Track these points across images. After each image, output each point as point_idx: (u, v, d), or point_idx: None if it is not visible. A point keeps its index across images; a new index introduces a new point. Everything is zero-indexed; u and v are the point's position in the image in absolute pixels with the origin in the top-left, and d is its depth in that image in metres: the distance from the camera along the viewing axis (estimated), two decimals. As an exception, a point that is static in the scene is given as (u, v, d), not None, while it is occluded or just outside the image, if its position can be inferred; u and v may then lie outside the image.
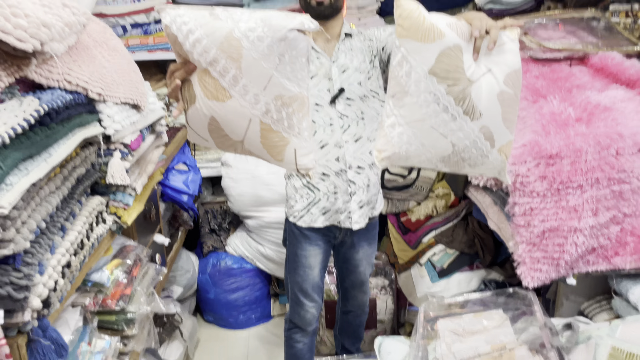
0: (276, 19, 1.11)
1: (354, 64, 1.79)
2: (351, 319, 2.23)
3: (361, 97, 1.79)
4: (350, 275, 2.08)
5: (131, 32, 2.75)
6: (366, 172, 1.86)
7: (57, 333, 1.17)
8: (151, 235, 2.08)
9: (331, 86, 1.77)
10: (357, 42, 1.82)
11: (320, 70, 1.77)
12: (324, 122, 1.78)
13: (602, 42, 2.07)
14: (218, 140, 1.24)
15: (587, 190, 1.66)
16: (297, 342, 2.08)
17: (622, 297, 1.79)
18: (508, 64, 1.28)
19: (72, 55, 1.35)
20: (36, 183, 1.12)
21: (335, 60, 1.78)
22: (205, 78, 1.15)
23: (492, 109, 1.26)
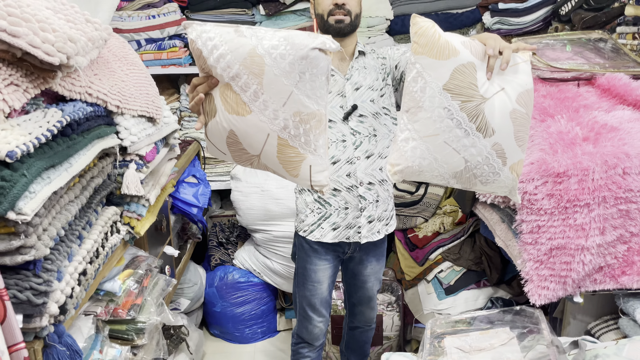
0: (299, 37, 1.15)
1: (367, 81, 1.83)
2: (358, 335, 2.24)
3: (374, 114, 1.83)
4: (358, 291, 2.09)
5: (145, 48, 2.81)
6: (376, 188, 1.89)
7: (72, 339, 1.19)
8: (161, 246, 2.11)
9: (344, 103, 1.81)
10: (371, 60, 1.85)
11: (334, 88, 1.81)
12: (336, 138, 1.81)
13: (609, 64, 2.10)
14: (235, 154, 1.27)
15: (594, 209, 1.68)
16: (304, 357, 2.08)
17: (629, 316, 1.79)
18: (521, 83, 1.31)
19: (93, 69, 1.39)
20: (57, 192, 1.16)
21: (349, 78, 1.82)
22: (226, 92, 1.18)
23: (504, 126, 1.28)
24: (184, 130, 2.99)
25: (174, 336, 2.40)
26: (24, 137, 1.05)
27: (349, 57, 1.84)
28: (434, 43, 1.23)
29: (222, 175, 3.04)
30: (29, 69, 1.09)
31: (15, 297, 1.05)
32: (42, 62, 1.08)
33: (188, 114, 2.98)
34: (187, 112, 2.98)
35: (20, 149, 1.02)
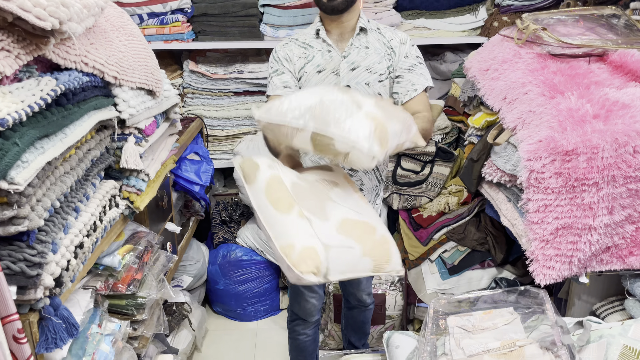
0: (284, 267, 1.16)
1: (366, 62, 1.75)
2: (356, 315, 2.22)
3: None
4: None
5: (147, 22, 2.77)
6: (359, 175, 1.83)
7: (68, 312, 1.17)
8: (163, 223, 2.09)
9: (338, 82, 1.73)
10: (374, 41, 1.76)
11: (329, 65, 1.74)
12: None
13: (622, 40, 2.04)
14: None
15: (603, 188, 1.64)
16: (299, 334, 2.07)
17: (636, 297, 1.77)
18: None
19: (89, 38, 1.36)
20: (51, 162, 1.13)
21: (347, 55, 1.74)
22: None
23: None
24: (187, 107, 2.96)
25: (177, 313, 2.40)
26: (16, 104, 1.02)
27: (349, 32, 1.76)
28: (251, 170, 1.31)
29: (226, 153, 3.01)
30: (21, 35, 1.06)
31: (9, 268, 1.03)
32: (34, 27, 1.04)
33: (191, 91, 2.95)
34: (189, 88, 2.95)
35: (12, 116, 1.00)
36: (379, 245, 1.24)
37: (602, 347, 1.49)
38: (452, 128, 2.86)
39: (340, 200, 1.26)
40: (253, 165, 1.28)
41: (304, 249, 1.12)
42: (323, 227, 1.17)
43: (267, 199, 1.19)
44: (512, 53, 2.14)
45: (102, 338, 1.43)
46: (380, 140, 1.16)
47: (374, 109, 1.21)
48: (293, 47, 1.79)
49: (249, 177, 1.26)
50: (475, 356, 1.57)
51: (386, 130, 1.18)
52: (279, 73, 1.78)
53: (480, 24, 2.98)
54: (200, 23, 2.83)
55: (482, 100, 2.23)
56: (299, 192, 1.21)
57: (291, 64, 1.78)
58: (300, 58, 1.77)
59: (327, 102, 1.18)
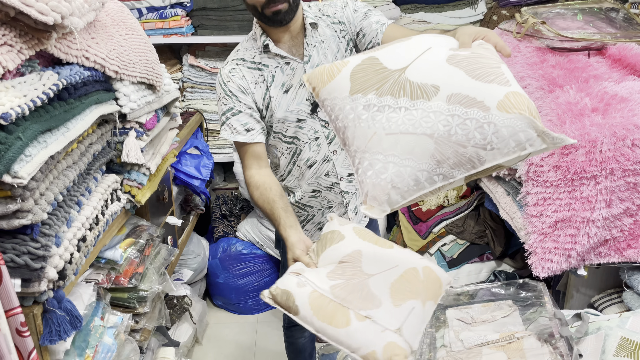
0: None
1: (329, 58, 1.56)
2: None
3: None
4: None
5: (147, 16, 2.76)
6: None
7: (72, 305, 1.19)
8: (163, 217, 2.10)
9: (309, 94, 1.56)
10: (326, 29, 1.58)
11: (294, 79, 1.55)
12: (309, 138, 1.61)
13: (621, 33, 2.04)
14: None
15: (602, 181, 1.65)
16: (297, 338, 2.04)
17: (634, 290, 1.78)
18: (451, 41, 1.15)
19: (90, 33, 1.36)
20: (54, 156, 1.14)
21: (308, 60, 1.55)
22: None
23: (448, 75, 1.05)
24: (186, 102, 2.96)
25: (177, 306, 2.42)
26: (19, 99, 1.03)
27: (300, 32, 1.55)
28: (323, 75, 1.15)
29: (225, 147, 3.02)
30: (23, 29, 1.07)
31: (13, 262, 1.04)
32: (36, 22, 1.05)
33: (191, 85, 2.95)
34: (189, 83, 2.95)
35: (15, 111, 1.00)
36: (428, 282, 1.21)
37: (600, 339, 1.51)
38: (451, 122, 2.87)
39: (375, 268, 1.21)
40: (286, 294, 1.20)
41: (385, 348, 1.11)
42: (384, 313, 1.15)
43: (322, 321, 1.15)
44: (511, 47, 2.13)
45: (104, 330, 1.44)
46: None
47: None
48: (245, 73, 1.54)
49: (290, 309, 1.19)
50: (474, 348, 1.59)
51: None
52: (234, 113, 1.53)
53: (479, 18, 2.98)
54: (199, 17, 2.82)
55: (481, 94, 2.23)
56: (341, 295, 1.17)
57: (247, 96, 1.54)
58: (257, 84, 1.54)
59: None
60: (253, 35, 1.58)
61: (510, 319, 1.71)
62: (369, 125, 1.06)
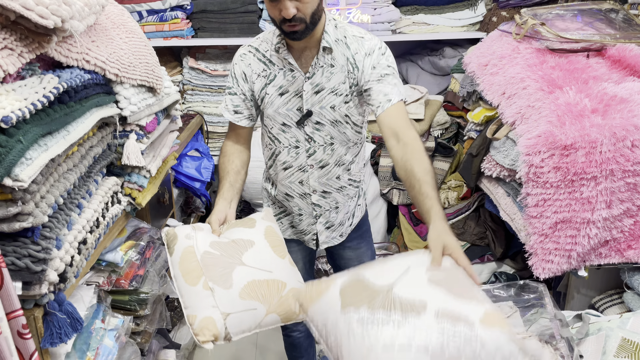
0: None
1: (331, 83, 1.57)
2: None
3: (332, 122, 1.62)
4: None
5: (147, 19, 2.77)
6: (333, 195, 1.74)
7: (72, 307, 1.19)
8: (164, 219, 2.11)
9: (302, 105, 1.60)
10: (340, 56, 1.57)
11: (292, 87, 1.59)
12: (289, 143, 1.66)
13: (620, 34, 2.05)
14: None
15: (602, 182, 1.65)
16: (292, 331, 2.06)
17: (634, 290, 1.78)
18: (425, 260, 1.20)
19: (90, 36, 1.37)
20: (55, 159, 1.14)
21: (311, 76, 1.57)
22: None
23: (432, 293, 1.09)
24: (186, 104, 2.97)
25: (178, 308, 2.42)
26: (20, 102, 1.04)
27: (314, 48, 1.56)
28: (313, 291, 1.19)
29: (226, 149, 3.02)
30: (24, 33, 1.07)
31: (14, 264, 1.04)
32: (37, 25, 1.05)
33: (191, 87, 2.95)
34: (189, 85, 2.95)
35: (16, 114, 1.01)
36: (286, 300, 1.33)
37: (601, 340, 1.50)
38: (451, 123, 2.87)
39: (252, 261, 1.34)
40: (173, 237, 1.37)
41: (203, 319, 1.24)
42: (225, 295, 1.27)
43: (180, 270, 1.30)
44: (510, 48, 2.15)
45: (105, 333, 1.44)
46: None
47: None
48: (252, 61, 1.61)
49: (169, 248, 1.36)
50: None
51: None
52: (231, 92, 1.66)
53: (479, 19, 2.98)
54: (199, 20, 2.83)
55: (481, 96, 2.24)
56: (208, 262, 1.31)
57: (247, 83, 1.63)
58: (260, 77, 1.61)
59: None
60: (274, 32, 1.60)
61: (511, 320, 1.71)
62: (364, 340, 1.06)
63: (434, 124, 2.81)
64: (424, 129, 2.74)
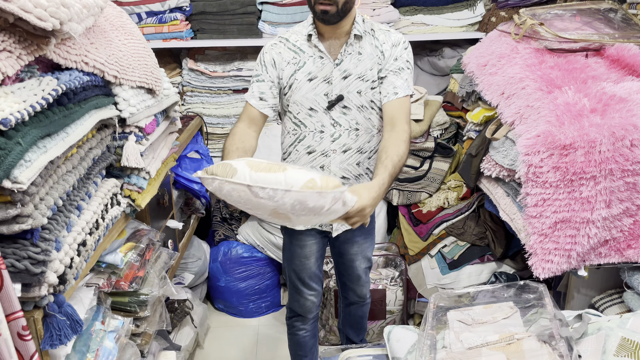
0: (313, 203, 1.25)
1: (358, 69, 1.69)
2: (354, 311, 2.23)
3: (358, 107, 1.72)
4: (347, 270, 2.07)
5: (146, 21, 2.78)
6: (351, 182, 1.81)
7: (72, 309, 1.19)
8: (164, 220, 2.11)
9: (330, 91, 1.70)
10: (367, 45, 1.70)
11: (321, 73, 1.69)
12: (314, 127, 1.74)
13: (619, 34, 2.05)
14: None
15: (601, 182, 1.65)
16: (299, 330, 2.08)
17: (634, 290, 1.78)
18: None
19: (89, 38, 1.37)
20: (54, 161, 1.14)
21: (339, 63, 1.68)
22: None
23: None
24: (186, 105, 2.97)
25: (179, 310, 2.42)
26: (18, 104, 1.04)
27: (343, 37, 1.69)
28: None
29: (225, 150, 3.02)
30: (22, 35, 1.07)
31: (13, 266, 1.04)
32: (35, 28, 1.05)
33: (190, 89, 2.96)
34: (189, 86, 2.96)
35: (15, 116, 1.01)
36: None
37: (601, 339, 1.50)
38: (450, 123, 2.87)
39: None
40: (222, 165, 1.33)
41: (322, 177, 1.25)
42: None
43: (259, 172, 1.27)
44: (509, 48, 2.15)
45: (105, 335, 1.44)
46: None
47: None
48: (282, 50, 1.72)
49: (227, 173, 1.30)
50: (474, 349, 1.59)
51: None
52: (259, 80, 1.73)
53: (478, 19, 2.99)
54: (198, 21, 2.84)
55: (480, 96, 2.24)
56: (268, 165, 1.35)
57: (275, 70, 1.72)
58: (289, 64, 1.70)
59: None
60: (304, 24, 1.74)
61: (511, 320, 1.71)
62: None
63: (434, 125, 2.81)
64: (423, 130, 2.74)
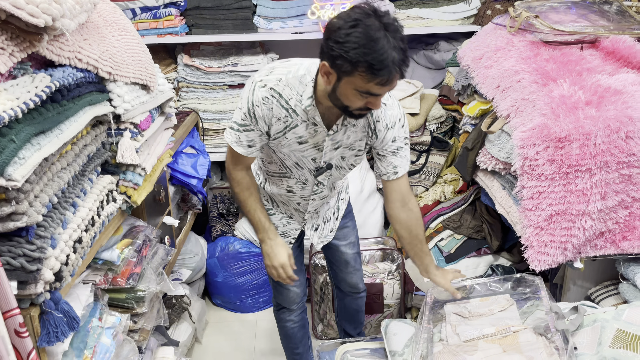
0: None
1: (349, 141, 1.64)
2: (348, 304, 2.24)
3: (338, 168, 1.74)
4: (334, 256, 2.10)
5: (140, 16, 2.76)
6: (321, 207, 1.94)
7: (69, 306, 1.19)
8: (160, 217, 2.10)
9: (319, 157, 1.66)
10: (363, 119, 1.60)
11: (312, 139, 1.60)
12: (299, 177, 1.75)
13: (614, 26, 2.05)
14: None
15: (596, 174, 1.66)
16: (286, 321, 2.10)
17: (630, 281, 1.79)
18: None
19: (82, 34, 1.36)
20: (48, 158, 1.14)
21: (332, 134, 1.59)
22: None
23: None
24: (182, 101, 2.96)
25: (176, 306, 2.42)
26: (12, 102, 1.03)
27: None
28: None
29: (222, 146, 3.02)
30: (15, 32, 1.07)
31: (9, 264, 1.04)
32: (27, 24, 1.05)
33: (186, 85, 2.95)
34: (184, 82, 2.95)
35: (8, 114, 1.01)
36: None
37: (597, 331, 1.51)
38: (446, 117, 2.87)
39: None
40: None
41: None
42: None
43: None
44: (505, 41, 2.15)
45: (102, 331, 1.45)
46: None
47: None
48: (275, 106, 1.54)
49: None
50: (470, 341, 1.60)
51: None
52: (247, 129, 1.58)
53: (473, 13, 2.98)
54: (193, 16, 2.82)
55: (476, 89, 2.24)
56: None
57: (265, 124, 1.58)
58: (280, 121, 1.56)
59: None
60: (302, 80, 1.52)
61: (508, 313, 1.72)
62: None
63: (430, 118, 2.81)
64: (419, 123, 2.74)
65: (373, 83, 1.33)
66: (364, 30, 1.29)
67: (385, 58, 1.29)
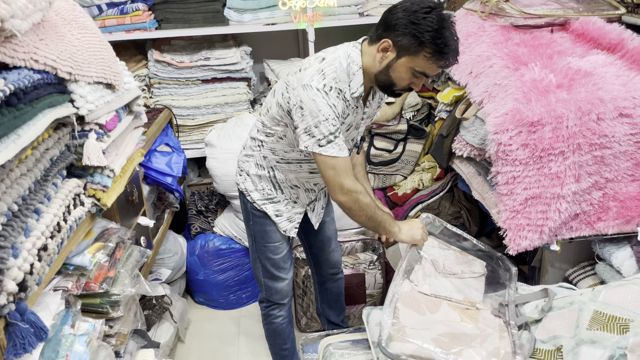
0: None
1: (371, 110, 1.82)
2: (329, 287, 2.26)
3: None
4: (317, 235, 2.13)
5: (107, 12, 2.69)
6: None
7: (35, 316, 1.15)
8: (135, 217, 2.06)
9: (356, 135, 1.82)
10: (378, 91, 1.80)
11: (354, 121, 1.75)
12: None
13: (584, 7, 2.05)
14: None
15: (569, 157, 1.66)
16: (276, 317, 2.09)
17: (606, 262, 1.81)
18: None
19: (38, 34, 1.31)
20: (5, 165, 1.10)
21: (366, 111, 1.77)
22: None
23: None
24: (154, 98, 2.90)
25: (157, 306, 2.39)
26: (-39, 108, 0.99)
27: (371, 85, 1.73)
28: None
29: (197, 142, 2.97)
30: (-39, 35, 1.02)
31: (-32, 277, 1.00)
32: (-26, 26, 1.00)
33: (158, 81, 2.89)
34: (156, 79, 2.89)
35: (-42, 121, 0.96)
36: None
37: (574, 313, 1.52)
38: (422, 105, 2.86)
39: None
40: None
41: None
42: None
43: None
44: (476, 26, 2.14)
45: (75, 339, 1.41)
46: None
47: None
48: (340, 103, 1.62)
49: None
50: (436, 298, 1.62)
51: None
52: (338, 134, 1.61)
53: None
54: (162, 11, 2.76)
55: (449, 76, 2.23)
56: None
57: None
58: (343, 115, 1.67)
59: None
60: (348, 69, 1.61)
61: (475, 283, 1.73)
62: None
63: (406, 106, 2.80)
64: (395, 112, 2.72)
65: (435, 65, 1.53)
66: (438, 17, 1.48)
67: (451, 44, 1.50)
